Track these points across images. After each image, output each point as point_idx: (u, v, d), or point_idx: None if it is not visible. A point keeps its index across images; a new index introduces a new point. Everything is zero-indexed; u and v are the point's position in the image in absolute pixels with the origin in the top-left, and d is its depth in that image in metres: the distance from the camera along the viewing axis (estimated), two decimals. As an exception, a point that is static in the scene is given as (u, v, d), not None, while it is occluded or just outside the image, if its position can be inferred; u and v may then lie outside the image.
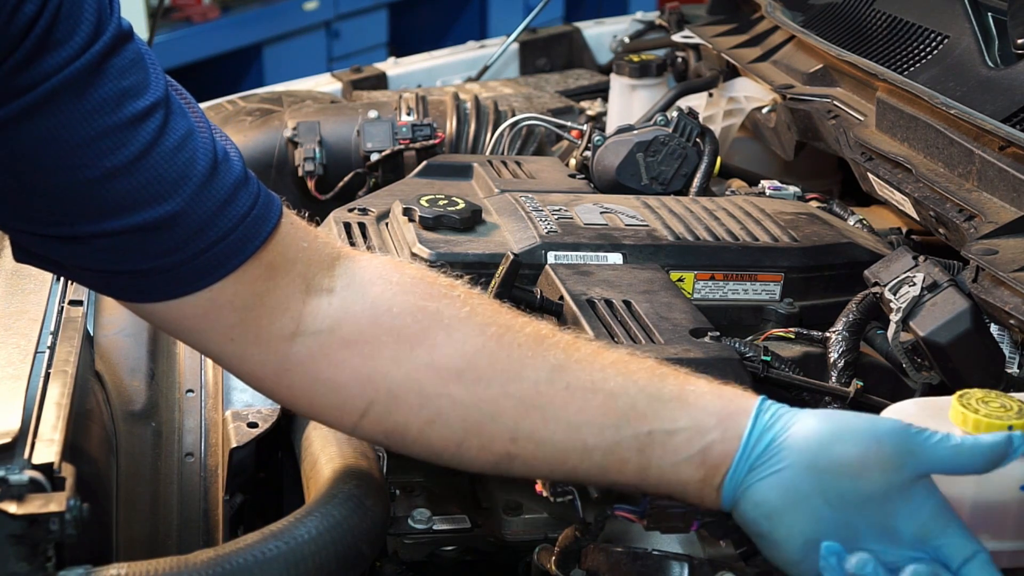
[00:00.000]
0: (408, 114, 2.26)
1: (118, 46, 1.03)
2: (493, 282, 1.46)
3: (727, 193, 1.96)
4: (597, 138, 1.96)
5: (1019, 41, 1.73)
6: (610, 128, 2.21)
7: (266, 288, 1.11)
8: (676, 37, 2.58)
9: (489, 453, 1.14)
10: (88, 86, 1.00)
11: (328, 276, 1.14)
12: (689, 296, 1.58)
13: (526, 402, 1.11)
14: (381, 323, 1.13)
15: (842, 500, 1.06)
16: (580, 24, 3.06)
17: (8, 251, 1.49)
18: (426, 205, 1.63)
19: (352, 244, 1.64)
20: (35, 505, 1.02)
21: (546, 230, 1.61)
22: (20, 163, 1.01)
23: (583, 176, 1.94)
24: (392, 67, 2.82)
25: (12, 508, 1.01)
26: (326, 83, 2.72)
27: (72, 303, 1.46)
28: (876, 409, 1.26)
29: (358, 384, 1.13)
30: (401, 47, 5.12)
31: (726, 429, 1.09)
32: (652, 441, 1.10)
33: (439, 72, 2.87)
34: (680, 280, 1.58)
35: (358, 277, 1.15)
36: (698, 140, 1.94)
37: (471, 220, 1.63)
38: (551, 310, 1.47)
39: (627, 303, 1.46)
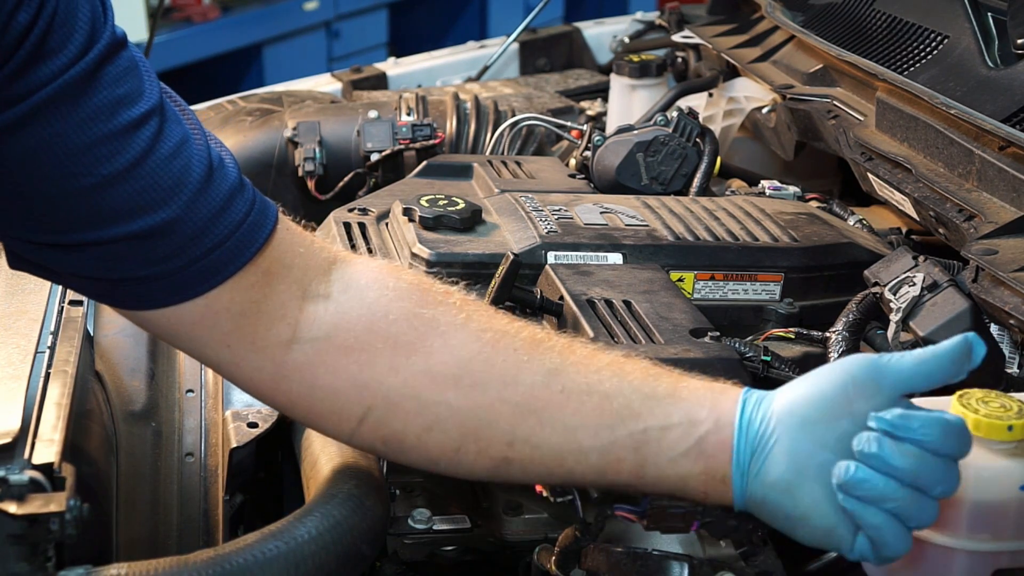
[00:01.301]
0: (408, 114, 2.26)
1: (112, 54, 1.03)
2: (493, 282, 1.46)
3: (727, 193, 1.96)
4: (597, 138, 1.96)
5: (1019, 41, 1.73)
6: (610, 128, 2.21)
7: (263, 294, 1.12)
8: (676, 37, 2.58)
9: (486, 458, 1.14)
10: (83, 94, 1.00)
11: (324, 281, 1.15)
12: (689, 296, 1.58)
13: (522, 407, 1.12)
14: (377, 329, 1.13)
15: (843, 441, 1.06)
16: (580, 24, 3.06)
17: (8, 251, 1.49)
18: (426, 205, 1.63)
19: (352, 244, 1.64)
20: (35, 505, 1.02)
21: (546, 230, 1.61)
22: (15, 171, 1.01)
23: (583, 176, 1.94)
24: (392, 67, 2.82)
25: (12, 508, 1.01)
26: (326, 83, 2.72)
27: (72, 303, 1.46)
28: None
29: (355, 390, 1.14)
30: (401, 47, 5.13)
31: (718, 419, 1.09)
32: (647, 438, 1.10)
33: (439, 72, 2.86)
34: (680, 280, 1.58)
35: (354, 282, 1.15)
36: (698, 140, 1.94)
37: (471, 220, 1.63)
38: (551, 310, 1.47)
39: (627, 303, 1.46)
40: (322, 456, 1.27)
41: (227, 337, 1.12)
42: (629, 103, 2.38)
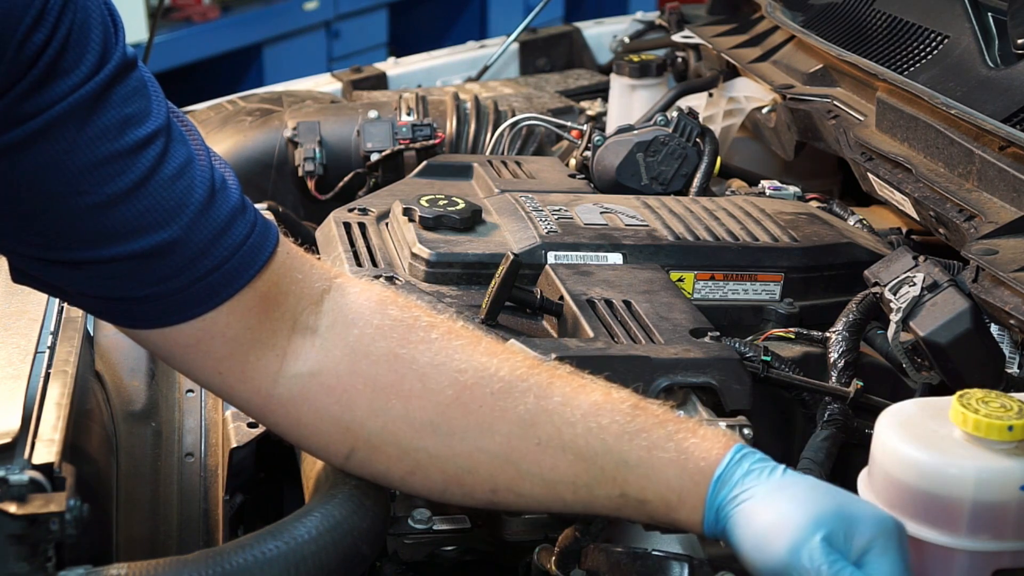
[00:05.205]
0: (408, 114, 2.26)
1: (122, 74, 1.03)
2: (493, 282, 1.46)
3: (727, 193, 1.96)
4: (597, 138, 1.96)
5: (1019, 41, 1.73)
6: (610, 128, 2.21)
7: (257, 320, 1.13)
8: (676, 37, 2.58)
9: (472, 499, 1.17)
10: (92, 113, 1.01)
11: (315, 313, 1.16)
12: (689, 296, 1.58)
13: (500, 457, 1.14)
14: (358, 370, 1.14)
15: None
16: (580, 24, 3.06)
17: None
18: (426, 205, 1.63)
19: (352, 244, 1.64)
20: (35, 505, 1.02)
21: (546, 230, 1.61)
22: (22, 188, 1.01)
23: (583, 176, 1.94)
24: (392, 67, 2.82)
25: (12, 508, 1.01)
26: (326, 83, 2.72)
27: (72, 303, 1.46)
28: (876, 409, 1.26)
29: (338, 432, 1.15)
30: (401, 47, 5.12)
31: (691, 510, 1.11)
32: (626, 503, 1.13)
33: (439, 72, 2.86)
34: (680, 280, 1.58)
35: (342, 317, 1.16)
36: (698, 140, 1.94)
37: (471, 220, 1.63)
38: (551, 310, 1.47)
39: (627, 303, 1.46)
40: (322, 456, 1.27)
41: (219, 364, 1.13)
42: (629, 103, 2.38)
